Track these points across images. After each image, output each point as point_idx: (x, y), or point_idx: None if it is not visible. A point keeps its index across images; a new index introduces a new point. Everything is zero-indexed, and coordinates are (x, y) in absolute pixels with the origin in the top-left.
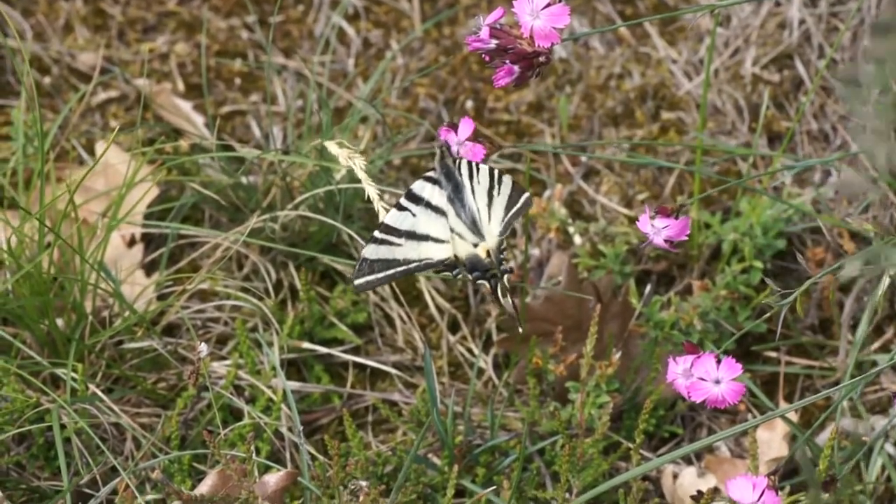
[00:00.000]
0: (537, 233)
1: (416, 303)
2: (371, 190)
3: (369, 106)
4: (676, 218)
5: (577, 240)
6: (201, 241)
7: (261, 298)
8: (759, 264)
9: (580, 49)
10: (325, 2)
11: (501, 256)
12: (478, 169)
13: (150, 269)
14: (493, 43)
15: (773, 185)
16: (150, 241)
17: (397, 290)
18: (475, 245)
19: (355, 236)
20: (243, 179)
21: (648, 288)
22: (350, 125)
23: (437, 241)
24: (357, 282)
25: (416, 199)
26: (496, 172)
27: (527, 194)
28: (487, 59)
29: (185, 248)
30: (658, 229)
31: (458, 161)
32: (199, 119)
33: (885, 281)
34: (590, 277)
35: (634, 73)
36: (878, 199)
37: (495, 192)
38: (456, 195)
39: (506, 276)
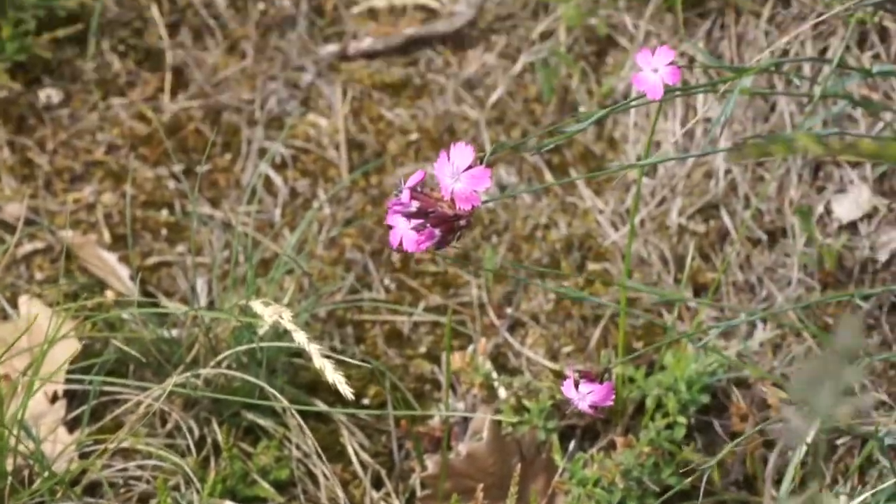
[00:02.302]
0: (461, 387)
1: (339, 458)
2: (303, 339)
3: (294, 261)
4: (601, 382)
5: (502, 393)
6: (125, 397)
7: (183, 455)
8: (682, 420)
9: (506, 199)
10: (253, 150)
11: None
12: None
13: (72, 425)
14: (414, 206)
15: (699, 338)
16: (73, 397)
17: (318, 448)
18: None
19: (278, 395)
20: (167, 333)
21: (573, 444)
22: (276, 277)
23: None
24: None
25: None
26: None
27: None
28: (408, 221)
29: (109, 404)
30: (583, 395)
31: None
32: (124, 271)
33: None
34: (514, 433)
35: (561, 223)
36: (803, 351)
37: None
38: None
39: None
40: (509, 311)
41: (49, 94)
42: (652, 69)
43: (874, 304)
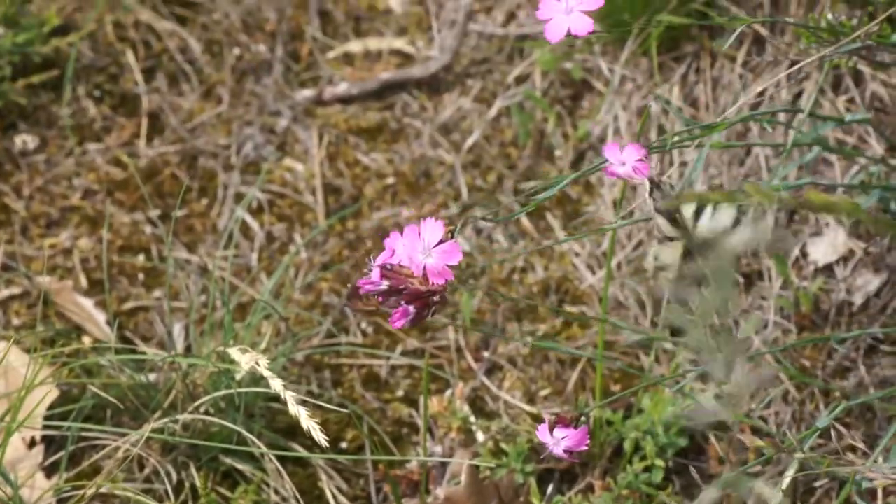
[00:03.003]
0: (439, 431)
1: (317, 502)
2: (279, 386)
3: (271, 306)
4: (576, 427)
5: (480, 437)
6: (103, 442)
7: (161, 500)
8: (660, 463)
9: (483, 242)
10: (230, 195)
11: None
12: None
13: (50, 470)
14: (385, 284)
15: (676, 381)
16: (50, 442)
17: (296, 492)
18: None
19: (256, 440)
20: (144, 379)
21: (551, 487)
22: (253, 322)
23: None
24: None
25: None
26: None
27: None
28: (381, 299)
29: (87, 449)
30: (557, 439)
31: None
32: (100, 317)
33: (786, 478)
34: (492, 476)
35: (538, 266)
36: (779, 394)
37: None
38: None
39: None
40: (486, 354)
41: (25, 139)
42: (620, 162)
43: (851, 347)
